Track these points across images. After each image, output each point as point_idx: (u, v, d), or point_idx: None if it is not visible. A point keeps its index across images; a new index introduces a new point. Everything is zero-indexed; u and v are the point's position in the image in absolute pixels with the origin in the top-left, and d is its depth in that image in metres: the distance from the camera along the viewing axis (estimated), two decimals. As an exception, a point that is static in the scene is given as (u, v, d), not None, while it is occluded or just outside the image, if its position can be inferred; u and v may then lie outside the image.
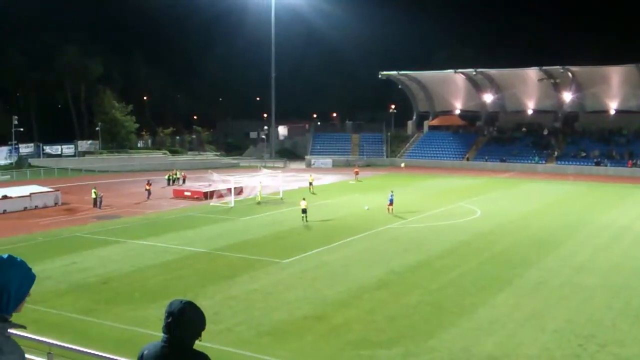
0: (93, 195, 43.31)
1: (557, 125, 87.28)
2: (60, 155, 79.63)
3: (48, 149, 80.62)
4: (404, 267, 25.04)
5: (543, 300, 20.44)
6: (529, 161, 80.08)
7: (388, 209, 38.92)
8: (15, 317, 3.11)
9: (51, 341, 11.43)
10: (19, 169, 70.30)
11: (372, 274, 23.75)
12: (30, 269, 3.14)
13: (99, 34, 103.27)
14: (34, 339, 11.16)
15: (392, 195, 39.54)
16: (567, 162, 77.76)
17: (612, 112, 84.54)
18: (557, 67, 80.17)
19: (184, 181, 58.83)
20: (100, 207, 42.22)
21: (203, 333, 4.28)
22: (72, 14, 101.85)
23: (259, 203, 44.19)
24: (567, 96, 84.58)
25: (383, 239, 31.52)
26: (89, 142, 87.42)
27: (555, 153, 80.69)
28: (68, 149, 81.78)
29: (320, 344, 16.49)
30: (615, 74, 79.45)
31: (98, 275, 23.59)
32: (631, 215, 39.83)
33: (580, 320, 18.27)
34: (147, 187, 48.78)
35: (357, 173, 64.98)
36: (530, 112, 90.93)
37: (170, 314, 4.11)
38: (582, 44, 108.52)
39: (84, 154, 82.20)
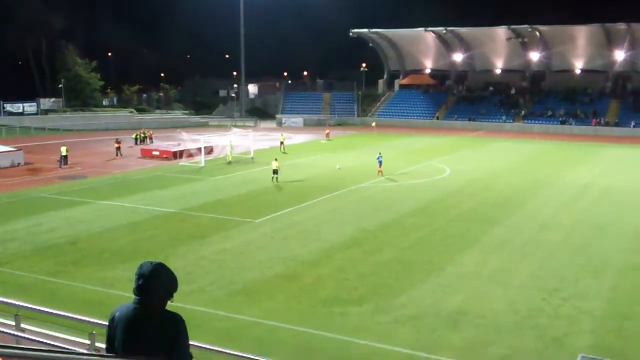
0: (64, 153, 42.37)
1: (524, 84, 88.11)
2: (22, 114, 77.47)
3: (9, 107, 78.27)
4: (375, 226, 25.30)
5: (508, 256, 20.94)
6: (497, 120, 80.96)
7: (380, 171, 38.24)
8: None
9: (18, 303, 11.32)
10: (-21, 127, 68.24)
11: (343, 233, 23.95)
12: None
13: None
14: (0, 302, 11.02)
15: (380, 157, 38.83)
16: (533, 121, 78.87)
17: (578, 71, 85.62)
18: (525, 26, 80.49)
19: (150, 140, 57.97)
20: (61, 166, 41.37)
21: (175, 294, 4.24)
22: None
23: (229, 162, 43.88)
24: (535, 55, 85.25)
25: (354, 198, 31.71)
26: (52, 100, 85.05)
27: (522, 112, 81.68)
28: (30, 107, 79.59)
29: (292, 303, 16.66)
30: (581, 34, 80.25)
31: (65, 237, 23.26)
32: (594, 172, 40.82)
33: (544, 275, 18.81)
34: (117, 145, 48.35)
35: (328, 134, 64.70)
36: (498, 71, 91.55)
37: (140, 276, 4.06)
38: (550, 3, 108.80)
39: (46, 112, 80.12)
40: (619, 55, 79.81)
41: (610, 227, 25.30)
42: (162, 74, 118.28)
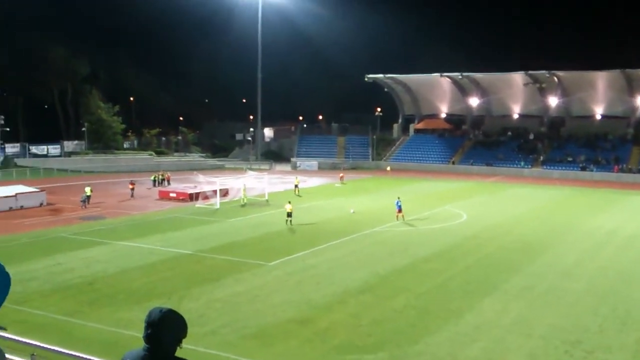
0: (88, 193, 43.51)
1: (542, 129, 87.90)
2: (46, 156, 78.99)
3: (34, 149, 79.92)
4: (390, 271, 24.99)
5: (529, 305, 20.46)
6: (515, 165, 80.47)
7: (397, 216, 37.55)
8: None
9: (34, 342, 11.27)
10: (5, 168, 69.45)
11: (357, 277, 23.68)
12: (6, 274, 2.98)
13: (85, 34, 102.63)
14: (18, 340, 11.00)
15: (398, 202, 38.19)
16: (553, 167, 78.28)
17: (598, 117, 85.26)
18: (543, 71, 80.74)
19: (168, 182, 58.49)
20: (85, 206, 42.13)
21: (187, 337, 4.18)
22: (58, 13, 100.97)
23: (243, 205, 44.02)
24: (553, 101, 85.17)
25: (369, 242, 31.47)
26: (75, 142, 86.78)
27: (541, 157, 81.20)
28: (54, 149, 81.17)
29: (305, 348, 16.38)
30: (601, 79, 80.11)
31: (83, 277, 23.34)
32: (617, 220, 40.09)
33: (567, 325, 18.28)
34: (131, 187, 49.44)
35: (342, 178, 64.84)
36: (516, 116, 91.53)
37: (150, 324, 3.98)
38: (569, 49, 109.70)
39: (70, 154, 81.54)
40: (641, 100, 79.36)
41: (636, 276, 24.65)
42: (181, 118, 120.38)
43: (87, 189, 44.14)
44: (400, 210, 37.72)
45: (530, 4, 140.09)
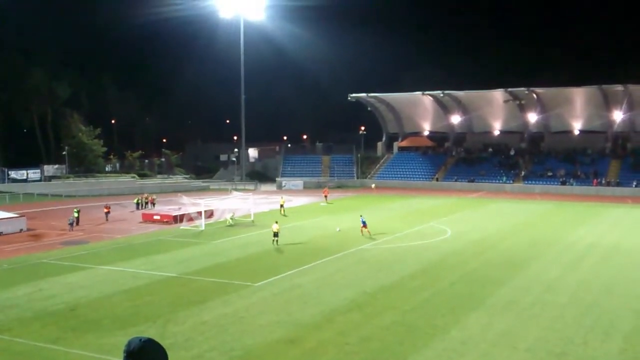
0: (76, 215, 44.43)
1: (523, 145, 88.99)
2: (25, 180, 77.89)
3: (13, 173, 78.77)
4: (377, 289, 25.02)
5: (514, 319, 20.61)
6: (497, 181, 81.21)
7: (362, 230, 38.66)
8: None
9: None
10: (-17, 194, 68.43)
11: (344, 296, 23.67)
12: None
13: (66, 57, 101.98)
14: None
15: (362, 218, 39.35)
16: (533, 182, 79.14)
17: (577, 132, 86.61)
18: (522, 88, 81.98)
19: (152, 205, 58.09)
20: (72, 229, 42.48)
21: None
22: (39, 36, 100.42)
23: (229, 225, 43.85)
24: (533, 117, 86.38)
25: (355, 260, 31.50)
26: (56, 166, 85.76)
27: (522, 173, 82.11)
28: (34, 174, 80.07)
29: (293, 368, 16.29)
30: (579, 95, 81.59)
31: (65, 302, 23.01)
32: (597, 233, 40.66)
33: (552, 338, 18.46)
34: (106, 210, 49.47)
35: (326, 195, 64.58)
36: (496, 132, 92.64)
37: (129, 354, 3.88)
38: (547, 66, 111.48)
39: (50, 178, 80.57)
40: (617, 115, 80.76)
41: (617, 288, 25.02)
42: (164, 140, 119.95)
43: (75, 211, 44.75)
44: (365, 226, 38.75)
45: (508, 23, 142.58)
